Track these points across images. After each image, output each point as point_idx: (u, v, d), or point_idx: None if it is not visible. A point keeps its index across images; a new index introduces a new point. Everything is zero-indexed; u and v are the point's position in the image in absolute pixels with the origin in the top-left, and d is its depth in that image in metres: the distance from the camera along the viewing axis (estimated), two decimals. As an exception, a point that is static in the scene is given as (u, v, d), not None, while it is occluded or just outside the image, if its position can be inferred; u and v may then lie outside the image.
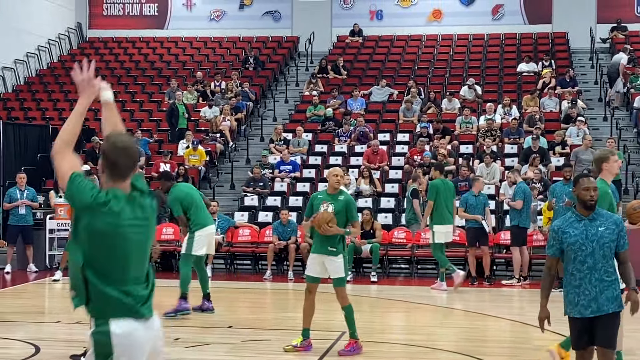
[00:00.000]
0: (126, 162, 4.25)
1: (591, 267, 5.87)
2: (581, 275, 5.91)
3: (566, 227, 5.95)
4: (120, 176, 4.19)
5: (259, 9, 28.69)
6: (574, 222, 5.96)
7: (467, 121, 21.04)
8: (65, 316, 11.25)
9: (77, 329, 10.46)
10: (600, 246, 5.85)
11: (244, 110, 22.89)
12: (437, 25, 27.88)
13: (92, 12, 29.69)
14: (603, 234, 5.86)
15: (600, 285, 5.87)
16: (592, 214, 5.94)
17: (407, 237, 16.25)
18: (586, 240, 5.87)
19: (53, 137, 21.97)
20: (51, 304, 12.86)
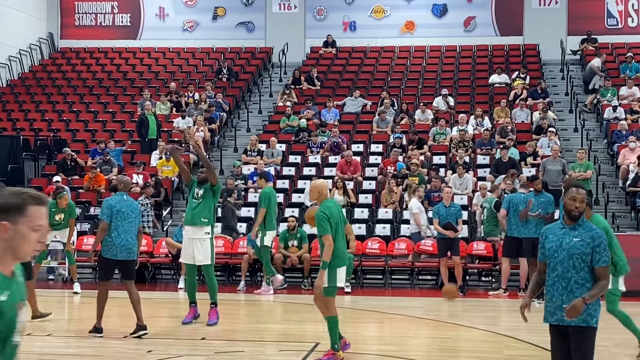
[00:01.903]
0: None
1: (560, 275, 5.87)
2: (551, 282, 5.94)
3: (549, 233, 6.00)
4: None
5: (233, 19, 28.68)
6: (557, 229, 5.99)
7: (440, 132, 21.14)
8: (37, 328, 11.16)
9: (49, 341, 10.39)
10: (570, 256, 5.84)
11: (217, 121, 22.84)
12: (410, 36, 28.02)
13: (63, 22, 29.53)
14: (576, 244, 5.85)
15: (567, 295, 5.85)
16: (575, 224, 5.92)
17: (380, 248, 16.28)
18: (559, 248, 5.88)
19: (24, 147, 21.81)
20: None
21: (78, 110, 24.47)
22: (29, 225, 3.30)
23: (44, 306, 14.21)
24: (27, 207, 3.31)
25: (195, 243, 11.20)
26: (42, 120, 23.88)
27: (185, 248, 11.38)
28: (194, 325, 11.32)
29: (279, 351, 9.87)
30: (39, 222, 3.32)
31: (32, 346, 9.93)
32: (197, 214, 11.18)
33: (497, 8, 27.60)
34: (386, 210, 17.79)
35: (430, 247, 15.89)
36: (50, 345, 10.17)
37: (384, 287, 16.09)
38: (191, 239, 11.25)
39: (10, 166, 20.90)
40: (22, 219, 3.28)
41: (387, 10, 28.13)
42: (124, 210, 10.29)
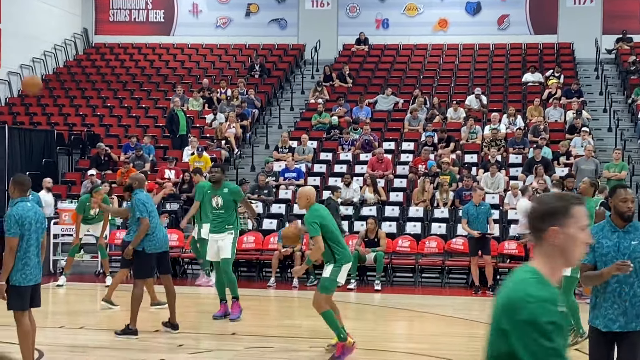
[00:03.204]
0: None
1: (621, 280, 5.68)
2: (611, 288, 5.72)
3: (600, 237, 5.79)
4: None
5: (266, 16, 28.75)
6: (608, 232, 5.79)
7: (472, 131, 21.05)
8: (69, 321, 11.28)
9: (81, 334, 10.49)
10: (632, 260, 5.63)
11: (249, 118, 22.92)
12: (443, 34, 27.92)
13: (98, 18, 29.77)
14: (636, 247, 5.69)
15: (631, 300, 5.66)
16: (627, 227, 5.75)
17: (411, 246, 16.25)
18: (618, 253, 5.68)
19: (59, 142, 22.03)
20: (55, 308, 12.88)
21: (112, 106, 24.67)
22: (577, 226, 3.18)
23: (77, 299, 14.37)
24: (572, 208, 3.19)
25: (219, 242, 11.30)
26: (76, 115, 24.11)
27: (211, 246, 11.46)
28: (225, 321, 11.38)
29: (309, 347, 9.88)
30: (585, 221, 3.20)
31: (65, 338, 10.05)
32: (222, 224, 11.25)
33: (531, 6, 27.41)
34: (417, 208, 17.75)
35: (461, 245, 15.84)
36: (83, 337, 10.27)
37: (414, 285, 16.06)
38: (215, 240, 11.36)
39: (44, 160, 21.11)
40: (569, 220, 3.17)
41: (420, 7, 28.04)
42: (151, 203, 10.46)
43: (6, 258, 7.54)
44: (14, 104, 24.95)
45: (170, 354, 9.28)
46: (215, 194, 11.29)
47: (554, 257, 3.19)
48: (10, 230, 7.52)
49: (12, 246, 7.52)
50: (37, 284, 7.82)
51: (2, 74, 25.31)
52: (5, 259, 7.55)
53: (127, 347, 9.74)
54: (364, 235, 15.66)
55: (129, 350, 9.62)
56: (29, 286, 7.69)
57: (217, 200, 11.24)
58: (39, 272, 7.82)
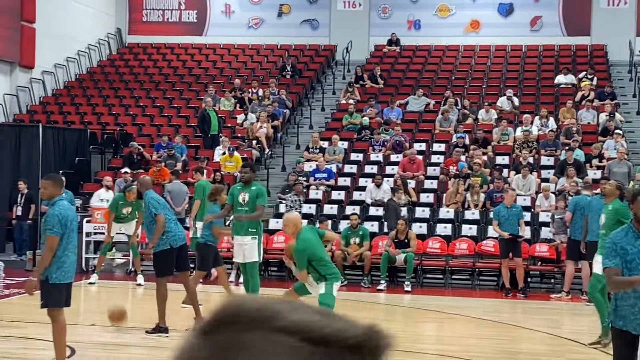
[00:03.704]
0: None
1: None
2: (637, 295, 5.68)
3: (624, 244, 5.75)
4: None
5: (297, 17, 28.80)
6: (631, 238, 5.75)
7: (504, 132, 20.95)
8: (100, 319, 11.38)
9: (112, 332, 10.58)
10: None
11: (280, 118, 22.98)
12: (475, 35, 27.80)
13: (131, 18, 30.00)
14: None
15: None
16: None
17: (441, 247, 16.21)
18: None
19: (92, 141, 22.25)
20: (86, 306, 13.02)
21: (144, 105, 24.85)
22: None
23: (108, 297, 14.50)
24: None
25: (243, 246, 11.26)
26: (109, 114, 24.32)
27: (237, 250, 11.43)
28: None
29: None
30: None
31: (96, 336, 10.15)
32: (244, 225, 11.22)
33: (564, 8, 27.20)
34: (447, 209, 17.70)
35: (492, 247, 15.78)
36: (114, 335, 10.36)
37: (444, 286, 16.02)
38: (240, 244, 11.32)
39: (77, 159, 21.32)
40: None
41: (453, 9, 27.94)
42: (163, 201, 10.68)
43: (45, 256, 7.64)
44: (48, 102, 25.22)
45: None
46: (244, 190, 11.32)
47: None
48: (53, 230, 7.60)
49: (53, 245, 7.60)
50: (72, 282, 7.94)
51: (37, 73, 25.59)
52: (43, 257, 7.66)
53: (158, 345, 9.82)
54: (394, 236, 15.65)
55: (160, 348, 9.69)
56: (67, 283, 7.82)
57: (244, 196, 11.23)
58: (74, 270, 7.94)
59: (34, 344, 9.72)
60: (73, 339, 9.18)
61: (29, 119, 23.48)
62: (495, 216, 15.07)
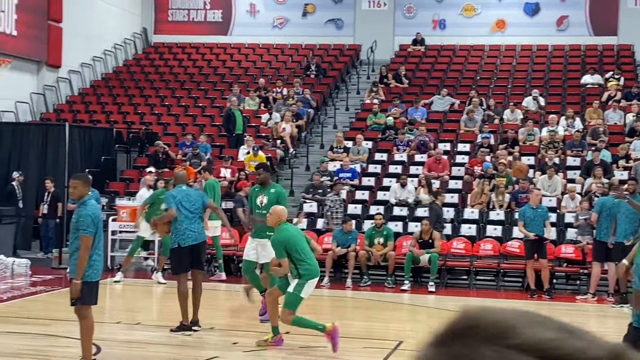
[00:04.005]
0: None
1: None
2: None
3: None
4: None
5: (322, 16, 28.81)
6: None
7: (530, 133, 20.84)
8: (126, 317, 11.45)
9: (137, 329, 10.64)
10: None
11: (304, 117, 22.99)
12: (500, 35, 27.67)
13: (157, 18, 30.14)
14: None
15: None
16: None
17: (465, 248, 16.15)
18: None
19: (117, 140, 22.37)
20: (112, 304, 13.09)
21: (169, 104, 24.96)
22: None
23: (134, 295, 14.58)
24: None
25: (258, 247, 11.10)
26: (135, 113, 24.45)
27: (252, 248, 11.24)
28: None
29: (363, 348, 9.89)
30: None
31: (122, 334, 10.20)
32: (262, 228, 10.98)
33: (591, 7, 27.00)
34: (472, 210, 17.63)
35: (517, 248, 15.70)
36: (139, 333, 10.42)
37: (469, 287, 15.95)
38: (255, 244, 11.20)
39: (103, 158, 21.45)
40: None
41: (478, 8, 27.82)
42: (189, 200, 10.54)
43: (82, 256, 7.73)
44: (74, 102, 25.39)
45: (224, 351, 9.37)
46: (262, 192, 11.22)
47: None
48: (87, 229, 7.71)
49: (88, 244, 7.73)
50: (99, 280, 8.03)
51: (63, 72, 25.78)
52: (81, 258, 7.74)
53: (182, 343, 9.86)
54: (419, 236, 15.61)
55: (184, 347, 9.74)
56: (97, 281, 7.91)
57: (262, 199, 11.12)
58: (102, 268, 8.04)
59: (59, 342, 9.79)
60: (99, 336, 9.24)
61: (55, 118, 23.65)
62: (521, 217, 15.00)
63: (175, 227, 10.41)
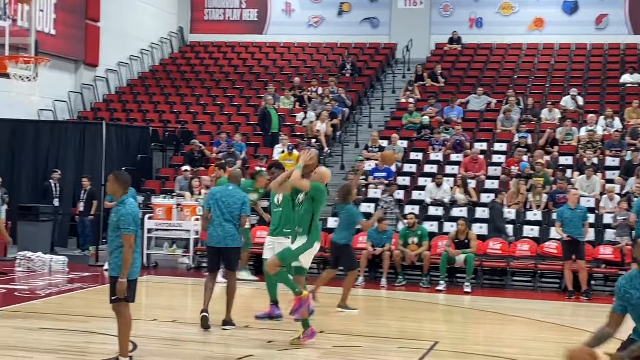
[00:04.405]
0: None
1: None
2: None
3: (629, 287, 5.55)
4: None
5: (358, 15, 28.76)
6: (636, 282, 5.52)
7: (568, 132, 20.61)
8: (161, 314, 11.49)
9: (173, 327, 10.67)
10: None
11: (339, 116, 22.95)
12: (538, 34, 27.42)
13: (193, 17, 30.28)
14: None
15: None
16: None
17: (502, 248, 16.01)
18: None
19: (153, 138, 22.50)
20: (148, 301, 13.14)
21: (205, 103, 25.06)
22: None
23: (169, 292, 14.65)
24: None
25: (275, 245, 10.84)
26: (171, 112, 24.57)
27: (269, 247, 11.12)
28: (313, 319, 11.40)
29: (397, 348, 9.82)
30: None
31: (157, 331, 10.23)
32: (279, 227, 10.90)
33: (631, 5, 26.65)
34: (509, 210, 17.47)
35: (555, 249, 15.53)
36: (175, 330, 10.45)
37: (505, 288, 15.81)
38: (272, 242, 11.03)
39: (139, 156, 21.57)
40: None
41: (516, 6, 27.59)
42: (223, 199, 10.44)
43: (126, 255, 7.80)
44: (111, 100, 25.59)
45: (259, 349, 9.35)
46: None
47: None
48: (129, 228, 7.79)
49: (132, 242, 7.81)
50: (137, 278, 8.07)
51: (101, 71, 25.99)
52: (125, 256, 7.81)
53: (218, 341, 9.87)
54: (454, 236, 15.50)
55: (219, 344, 9.74)
56: (135, 279, 7.97)
57: (278, 197, 11.15)
58: (140, 266, 8.10)
59: (96, 338, 9.85)
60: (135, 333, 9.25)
61: (92, 117, 23.86)
62: (559, 217, 14.84)
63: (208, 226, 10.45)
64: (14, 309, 11.73)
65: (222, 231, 10.37)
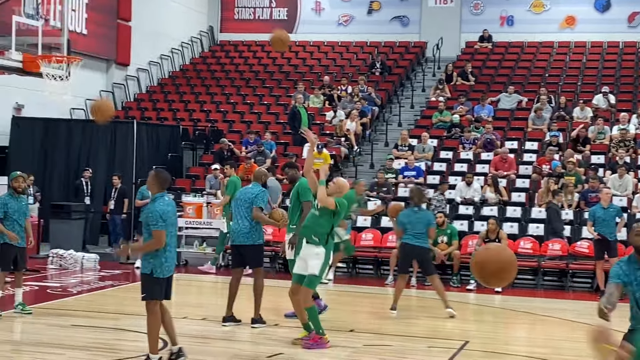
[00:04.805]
0: None
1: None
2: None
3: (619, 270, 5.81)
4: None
5: (387, 13, 28.69)
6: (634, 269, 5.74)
7: (600, 131, 20.42)
8: (191, 312, 11.54)
9: (202, 325, 10.71)
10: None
11: (369, 115, 22.92)
12: (570, 32, 27.19)
13: (223, 16, 30.38)
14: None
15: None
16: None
17: (533, 248, 15.90)
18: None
19: (183, 137, 22.60)
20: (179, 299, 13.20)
21: (235, 102, 25.13)
22: None
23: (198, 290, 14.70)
24: None
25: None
26: (201, 111, 24.67)
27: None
28: (344, 317, 11.40)
29: (428, 347, 9.79)
30: None
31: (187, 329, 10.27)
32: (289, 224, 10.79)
33: (664, 3, 26.37)
34: (540, 209, 17.34)
35: (586, 249, 15.39)
36: (203, 328, 10.48)
37: (536, 288, 15.69)
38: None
39: (170, 155, 21.68)
40: None
41: (547, 4, 27.38)
42: (241, 197, 10.54)
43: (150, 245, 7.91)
44: (142, 99, 25.75)
45: (288, 348, 9.36)
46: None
47: None
48: (157, 224, 7.85)
49: (161, 239, 7.86)
50: (172, 275, 8.11)
51: (132, 70, 26.16)
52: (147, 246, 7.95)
53: (247, 339, 9.90)
54: (485, 235, 15.40)
55: (249, 342, 9.77)
56: (166, 278, 7.98)
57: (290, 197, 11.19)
58: (174, 264, 8.13)
59: (126, 335, 9.92)
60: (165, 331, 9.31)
61: (124, 116, 24.02)
62: (591, 217, 14.70)
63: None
64: (46, 306, 11.85)
65: (237, 228, 10.47)
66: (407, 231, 12.01)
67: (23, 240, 10.97)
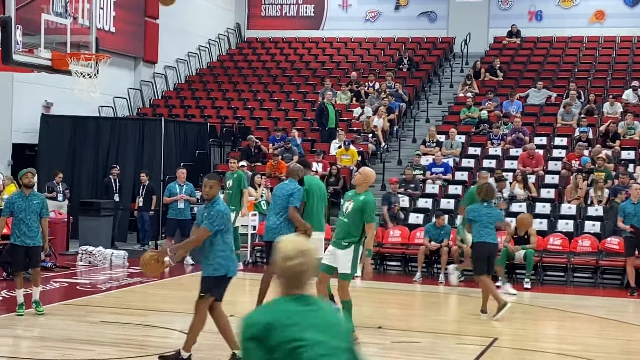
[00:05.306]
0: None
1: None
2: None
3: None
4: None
5: (415, 9, 28.58)
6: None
7: (630, 126, 20.20)
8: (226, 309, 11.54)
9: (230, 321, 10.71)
10: None
11: (396, 111, 22.84)
12: (599, 26, 26.93)
13: (250, 13, 30.43)
14: None
15: None
16: None
17: (562, 244, 15.76)
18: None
19: (211, 134, 22.66)
20: (206, 296, 13.24)
21: (262, 99, 25.16)
22: None
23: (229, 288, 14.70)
24: None
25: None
26: (228, 108, 24.72)
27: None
28: (371, 314, 11.37)
29: (456, 344, 9.73)
30: None
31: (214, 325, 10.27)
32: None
33: (695, -4, 26.03)
34: (569, 205, 17.19)
35: (617, 245, 15.23)
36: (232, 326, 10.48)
37: (566, 284, 15.56)
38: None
39: (197, 152, 21.75)
40: None
41: (576, -1, 27.17)
42: (277, 193, 10.54)
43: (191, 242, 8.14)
44: (169, 97, 25.86)
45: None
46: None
47: None
48: (213, 224, 7.91)
49: (204, 236, 7.96)
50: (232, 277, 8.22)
51: (160, 68, 26.26)
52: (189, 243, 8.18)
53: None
54: (514, 232, 15.29)
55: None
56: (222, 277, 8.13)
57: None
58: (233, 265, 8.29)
59: (155, 332, 9.95)
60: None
61: (151, 113, 24.13)
62: (621, 212, 14.54)
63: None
64: (76, 302, 11.93)
65: (270, 224, 10.49)
66: (476, 226, 11.66)
67: (32, 239, 10.75)
